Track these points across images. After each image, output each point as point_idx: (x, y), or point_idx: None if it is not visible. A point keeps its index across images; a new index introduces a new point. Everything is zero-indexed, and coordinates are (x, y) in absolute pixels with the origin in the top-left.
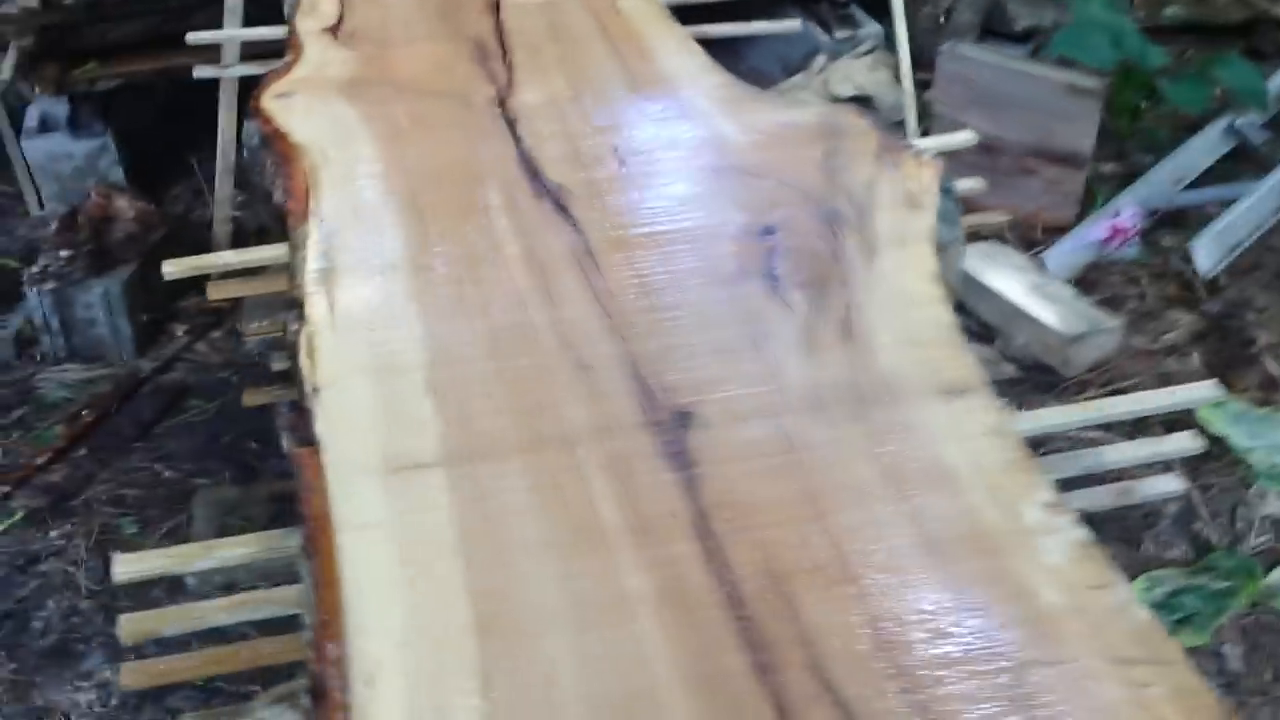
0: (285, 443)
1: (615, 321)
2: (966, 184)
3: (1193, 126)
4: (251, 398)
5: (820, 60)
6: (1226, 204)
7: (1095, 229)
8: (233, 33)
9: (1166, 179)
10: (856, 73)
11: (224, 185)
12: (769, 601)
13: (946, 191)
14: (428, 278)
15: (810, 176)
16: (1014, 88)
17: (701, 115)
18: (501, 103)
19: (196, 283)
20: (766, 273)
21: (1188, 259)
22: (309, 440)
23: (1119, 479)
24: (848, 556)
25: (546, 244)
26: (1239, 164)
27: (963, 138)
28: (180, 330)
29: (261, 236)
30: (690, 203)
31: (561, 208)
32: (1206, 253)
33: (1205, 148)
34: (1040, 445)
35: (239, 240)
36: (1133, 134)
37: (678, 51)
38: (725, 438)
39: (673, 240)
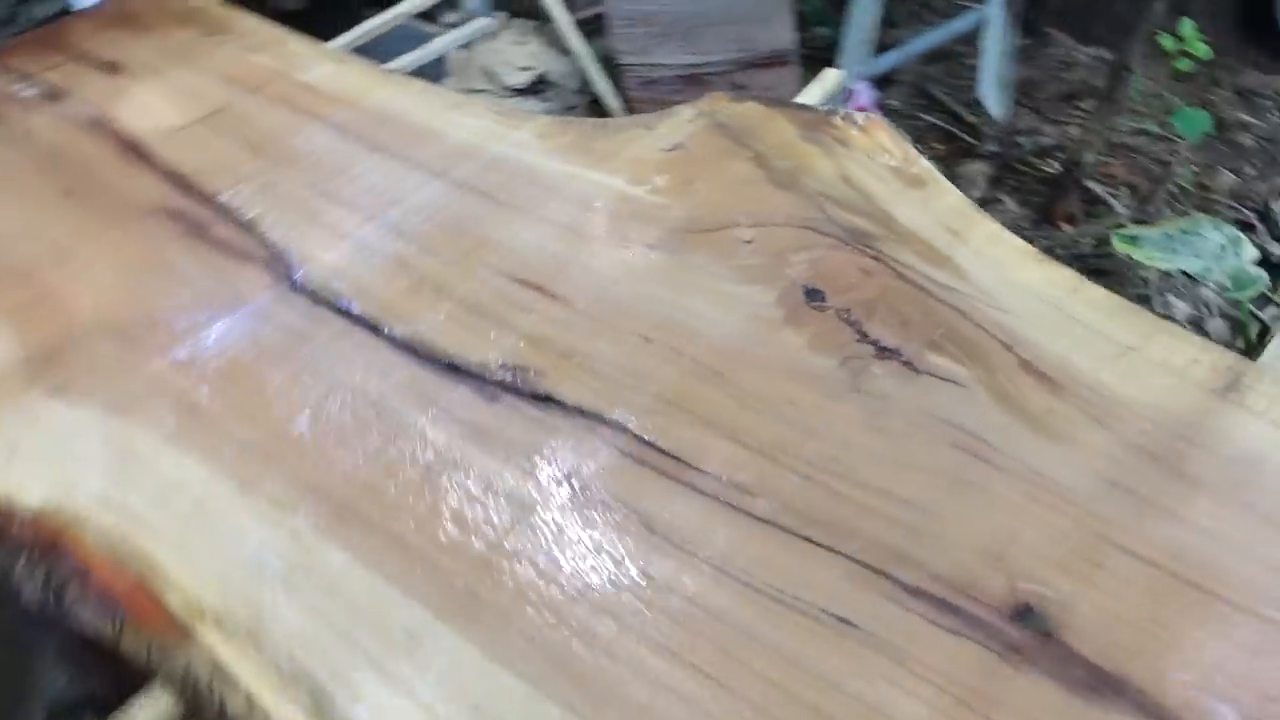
0: None
1: (801, 523)
2: None
3: None
4: None
5: (459, 55)
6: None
7: None
8: None
9: (860, 43)
10: (513, 54)
11: None
12: None
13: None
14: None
15: (772, 200)
16: (701, 7)
17: (562, 177)
18: (292, 281)
19: None
20: (879, 351)
21: (930, 110)
22: None
23: None
24: None
25: (579, 461)
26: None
27: (834, 76)
28: None
29: None
30: (683, 303)
31: (536, 396)
32: (995, 99)
33: None
34: None
35: None
36: None
37: (431, 102)
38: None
39: (724, 363)
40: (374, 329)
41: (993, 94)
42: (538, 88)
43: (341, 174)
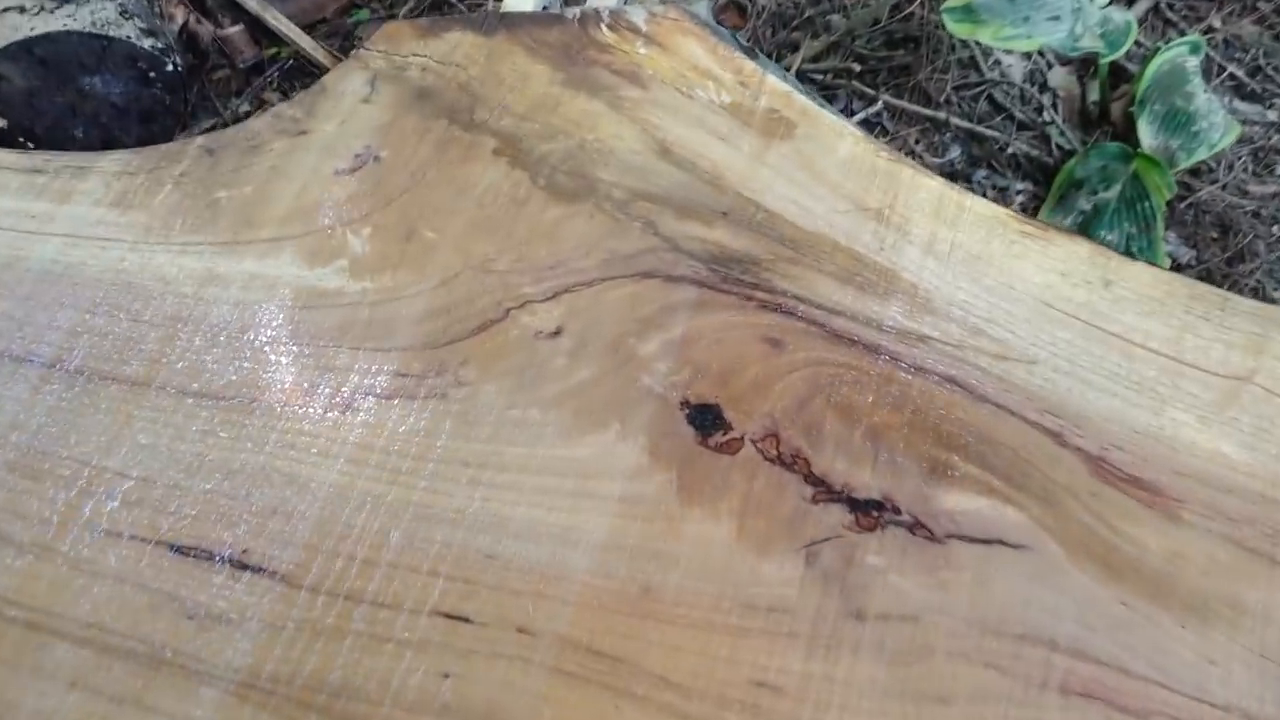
0: None
1: None
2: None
3: None
4: None
5: None
6: None
7: None
8: None
9: None
10: None
11: None
12: None
13: (751, 53)
14: None
15: (564, 231)
16: None
17: (183, 284)
18: None
19: None
20: (855, 511)
21: None
22: None
23: None
24: None
25: None
26: None
27: None
28: None
29: None
30: (502, 519)
31: None
32: None
33: None
34: None
35: None
36: None
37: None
38: None
39: (618, 637)
40: None
41: None
42: None
43: None
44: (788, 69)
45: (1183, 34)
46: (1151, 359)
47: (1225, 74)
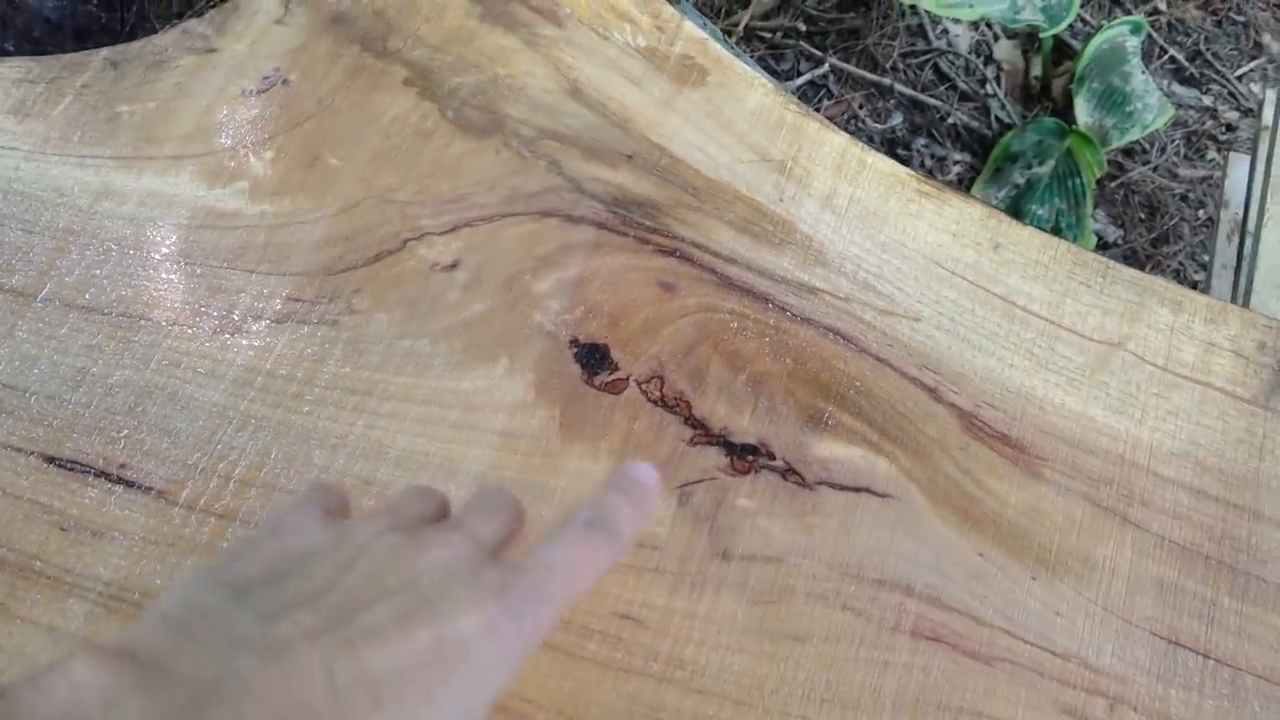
0: None
1: None
2: None
3: None
4: None
5: None
6: None
7: None
8: None
9: None
10: None
11: None
12: None
13: None
14: None
15: (467, 166)
16: None
17: (76, 196)
18: None
19: None
20: (731, 454)
21: None
22: None
23: None
24: None
25: None
26: None
27: None
28: None
29: None
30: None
31: None
32: None
33: None
34: None
35: None
36: None
37: None
38: None
39: None
40: None
41: None
42: None
43: None
44: (736, 25)
45: (1129, 14)
46: (1031, 321)
47: (1166, 56)
